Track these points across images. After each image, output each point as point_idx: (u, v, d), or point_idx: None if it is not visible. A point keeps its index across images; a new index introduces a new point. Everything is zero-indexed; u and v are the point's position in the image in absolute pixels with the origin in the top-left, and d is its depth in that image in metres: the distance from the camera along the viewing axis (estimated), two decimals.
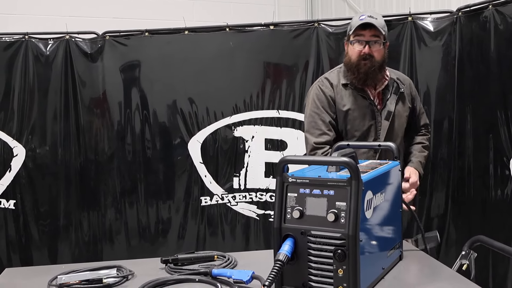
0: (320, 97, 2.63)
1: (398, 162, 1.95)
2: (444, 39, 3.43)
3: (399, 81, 2.66)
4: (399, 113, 2.63)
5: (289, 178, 1.62)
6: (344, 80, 2.63)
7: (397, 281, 1.74)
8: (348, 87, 2.61)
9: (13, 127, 3.80)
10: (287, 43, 3.72)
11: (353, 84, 2.59)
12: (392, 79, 2.66)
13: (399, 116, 2.63)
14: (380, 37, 2.55)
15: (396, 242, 1.90)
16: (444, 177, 3.49)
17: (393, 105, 2.59)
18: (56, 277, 1.75)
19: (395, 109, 2.60)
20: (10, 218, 3.85)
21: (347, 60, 2.60)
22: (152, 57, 3.86)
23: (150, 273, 1.83)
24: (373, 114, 2.58)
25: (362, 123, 2.56)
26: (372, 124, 2.57)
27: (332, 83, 2.64)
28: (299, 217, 1.59)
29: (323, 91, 2.64)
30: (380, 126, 2.57)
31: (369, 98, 2.59)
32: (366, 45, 2.52)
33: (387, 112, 2.58)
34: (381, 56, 2.57)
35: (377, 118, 2.57)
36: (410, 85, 2.76)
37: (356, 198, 1.52)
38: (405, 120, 2.67)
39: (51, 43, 3.84)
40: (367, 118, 2.57)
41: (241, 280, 1.67)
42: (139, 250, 3.93)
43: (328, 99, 2.62)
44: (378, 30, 2.52)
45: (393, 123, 2.59)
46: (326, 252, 1.55)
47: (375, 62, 2.53)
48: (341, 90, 2.61)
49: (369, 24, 2.50)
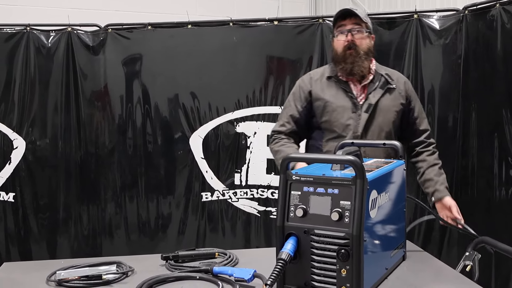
0: (295, 91, 2.68)
1: (403, 161, 1.92)
2: (450, 37, 3.40)
3: (387, 76, 2.60)
4: (386, 107, 2.56)
5: (293, 176, 1.59)
6: (329, 73, 2.62)
7: (401, 281, 1.72)
8: (332, 80, 2.59)
9: (13, 119, 3.78)
10: (291, 38, 3.69)
11: (337, 77, 2.58)
12: (379, 74, 2.60)
13: (385, 110, 2.56)
14: (362, 25, 2.53)
15: (399, 242, 1.88)
16: (448, 176, 3.43)
17: (376, 98, 2.54)
18: (55, 272, 1.73)
19: (380, 103, 2.54)
20: (9, 211, 3.83)
21: (334, 53, 2.59)
22: (155, 51, 3.83)
23: (150, 270, 1.81)
24: (355, 107, 2.53)
25: (341, 115, 2.53)
26: (352, 117, 2.52)
27: (312, 77, 2.65)
28: (302, 215, 1.56)
29: (299, 85, 2.66)
30: (360, 119, 2.52)
31: (351, 92, 2.55)
32: (348, 33, 2.51)
33: (368, 105, 2.53)
34: (365, 45, 2.54)
35: (357, 112, 2.53)
36: (406, 84, 2.68)
37: (361, 197, 1.49)
38: (394, 116, 2.58)
39: (53, 35, 3.82)
40: (347, 110, 2.53)
41: (243, 278, 1.64)
42: (138, 245, 3.91)
43: (300, 93, 2.63)
44: (359, 18, 2.51)
45: (375, 116, 2.53)
46: (329, 251, 1.52)
47: (360, 50, 2.51)
48: (324, 82, 2.60)
49: (349, 13, 2.51)
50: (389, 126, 2.56)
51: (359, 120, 2.51)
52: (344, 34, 2.52)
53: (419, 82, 3.47)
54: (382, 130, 2.53)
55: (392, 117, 2.57)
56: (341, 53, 2.52)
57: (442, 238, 3.48)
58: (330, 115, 2.54)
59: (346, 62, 2.51)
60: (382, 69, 2.65)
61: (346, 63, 2.51)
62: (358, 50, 2.50)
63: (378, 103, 2.53)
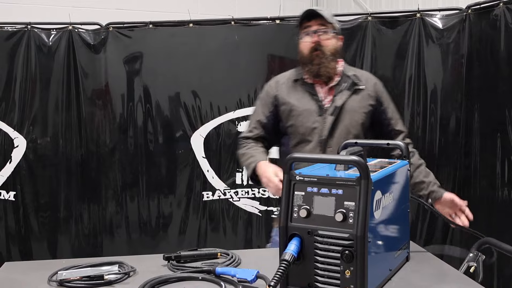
0: (262, 96, 2.62)
1: (407, 161, 1.91)
2: (452, 36, 3.39)
3: (355, 77, 2.52)
4: (353, 108, 2.48)
5: (296, 176, 1.58)
6: (295, 76, 2.56)
7: (405, 282, 1.71)
8: (298, 83, 2.53)
9: (14, 117, 3.78)
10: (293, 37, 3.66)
11: (303, 80, 2.52)
12: (346, 75, 2.52)
13: (352, 112, 2.48)
14: (328, 26, 2.46)
15: (403, 243, 1.87)
16: (450, 176, 3.46)
17: (342, 100, 2.46)
18: (56, 272, 1.72)
19: (346, 104, 2.47)
20: (10, 209, 3.83)
21: (300, 55, 2.52)
22: (156, 50, 3.82)
23: (152, 270, 1.79)
24: (320, 110, 2.47)
25: (307, 119, 2.47)
26: (318, 120, 2.46)
27: (278, 81, 2.59)
28: (306, 216, 1.55)
29: (266, 90, 2.61)
30: (325, 122, 2.45)
31: (316, 95, 2.49)
32: (314, 34, 2.44)
33: (334, 107, 2.46)
34: (332, 46, 2.46)
35: (323, 115, 2.46)
36: (377, 85, 2.59)
37: (365, 198, 1.48)
38: (363, 118, 2.50)
39: (54, 33, 3.81)
40: (313, 114, 2.47)
41: (246, 279, 1.62)
42: (139, 244, 3.91)
43: (267, 98, 2.58)
44: (324, 19, 2.44)
45: (341, 118, 2.46)
46: (333, 252, 1.51)
47: (326, 51, 2.44)
48: (290, 86, 2.54)
49: (314, 14, 2.44)
50: (357, 128, 2.49)
51: (324, 123, 2.45)
52: (309, 35, 2.46)
53: (421, 81, 3.47)
54: (349, 133, 2.46)
55: (360, 119, 2.50)
56: (307, 54, 2.46)
57: (444, 238, 3.47)
58: (295, 119, 2.49)
59: (313, 63, 2.45)
60: (351, 70, 2.59)
61: (312, 65, 2.45)
62: (325, 51, 2.44)
63: (344, 105, 2.47)
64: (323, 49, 2.43)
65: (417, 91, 3.49)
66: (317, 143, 2.44)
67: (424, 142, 3.49)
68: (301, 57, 2.51)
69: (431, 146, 3.49)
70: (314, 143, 2.44)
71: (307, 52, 2.46)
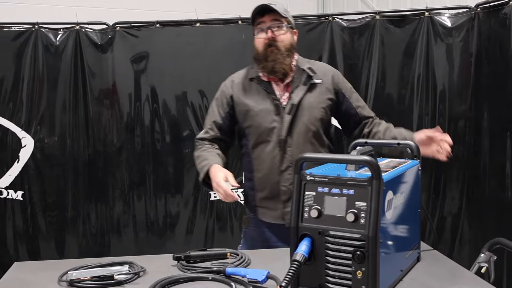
0: (217, 96, 2.54)
1: (418, 161, 1.89)
2: (461, 35, 3.37)
3: (309, 71, 2.41)
4: (310, 104, 2.38)
5: (307, 176, 1.57)
6: (251, 74, 2.46)
7: (416, 283, 1.69)
8: (253, 81, 2.43)
9: (21, 117, 3.78)
10: (300, 37, 3.54)
11: (257, 78, 2.42)
12: (300, 69, 2.42)
13: (310, 108, 2.38)
14: (282, 21, 2.36)
15: (414, 243, 1.86)
16: (459, 175, 3.44)
17: (299, 97, 2.37)
18: (66, 272, 1.72)
19: (303, 101, 2.38)
20: (17, 209, 3.84)
21: (255, 52, 2.42)
22: (163, 49, 3.82)
23: (162, 270, 1.79)
24: (278, 109, 2.37)
25: (264, 119, 2.37)
26: (276, 120, 2.36)
27: (233, 81, 2.50)
28: (317, 216, 1.54)
29: (222, 90, 2.53)
30: (283, 121, 2.36)
31: (273, 93, 2.39)
32: (268, 30, 2.35)
33: (291, 105, 2.36)
34: (287, 41, 2.37)
35: (281, 114, 2.36)
36: (335, 77, 2.48)
37: (377, 198, 1.47)
38: (321, 113, 2.41)
39: (61, 33, 3.81)
40: (271, 114, 2.37)
41: (256, 279, 1.62)
42: (146, 244, 3.91)
43: (222, 98, 2.50)
44: (278, 14, 2.34)
45: (299, 116, 2.37)
46: (344, 253, 1.50)
47: (281, 47, 2.34)
48: (246, 85, 2.45)
49: (266, 9, 2.34)
50: (315, 125, 2.40)
51: (282, 122, 2.36)
52: (264, 31, 2.36)
53: (430, 80, 3.45)
54: (309, 130, 2.38)
55: (318, 115, 2.40)
56: (262, 51, 2.37)
57: (453, 238, 3.45)
58: (253, 119, 2.40)
59: (267, 60, 2.35)
60: (305, 63, 2.46)
61: (267, 61, 2.35)
62: (279, 47, 2.34)
63: (301, 101, 2.37)
64: (278, 44, 2.34)
65: (425, 90, 3.47)
66: (276, 143, 2.36)
67: None
68: (255, 54, 2.42)
69: None
70: (273, 143, 2.37)
71: (262, 48, 2.37)
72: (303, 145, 2.35)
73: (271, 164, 2.38)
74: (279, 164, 2.36)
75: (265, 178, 2.41)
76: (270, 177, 2.39)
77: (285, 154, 2.36)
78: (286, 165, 2.35)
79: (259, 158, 2.41)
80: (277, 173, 2.37)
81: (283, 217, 2.37)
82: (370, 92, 3.55)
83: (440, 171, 3.45)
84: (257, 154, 2.42)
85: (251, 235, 2.51)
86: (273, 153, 2.37)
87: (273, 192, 2.39)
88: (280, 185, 2.37)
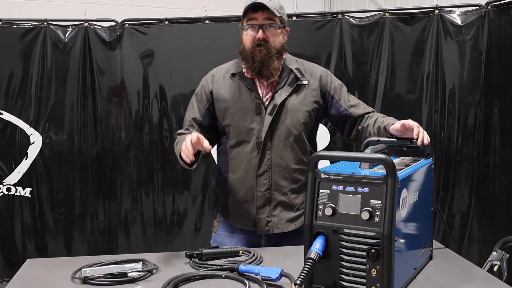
0: (197, 91, 2.37)
1: (431, 159, 1.89)
2: (471, 33, 3.35)
3: (297, 71, 2.26)
4: (295, 107, 2.23)
5: (321, 174, 1.57)
6: (234, 69, 2.29)
7: (430, 282, 1.69)
8: (236, 77, 2.27)
9: (30, 114, 3.79)
10: (309, 34, 3.66)
11: (240, 74, 2.26)
12: (288, 69, 2.26)
13: (294, 110, 2.23)
14: (276, 20, 2.19)
15: (427, 241, 1.85)
16: (468, 173, 3.42)
17: (282, 98, 2.21)
18: (79, 269, 1.72)
19: (287, 102, 2.22)
20: (26, 206, 3.86)
21: (242, 48, 2.24)
22: (172, 46, 3.81)
23: (174, 268, 1.79)
24: (259, 108, 2.22)
25: (244, 118, 2.22)
26: (256, 120, 2.21)
27: (214, 75, 2.33)
28: (331, 214, 1.54)
29: (202, 85, 2.36)
30: (263, 122, 2.20)
31: (256, 91, 2.23)
32: (259, 29, 2.17)
33: (273, 106, 2.21)
34: (278, 42, 2.21)
35: (262, 114, 2.21)
36: (323, 77, 2.32)
37: (392, 196, 1.46)
38: (305, 117, 2.25)
39: (70, 30, 3.82)
40: (251, 113, 2.21)
41: (270, 277, 1.62)
42: (154, 241, 3.91)
43: (202, 93, 2.32)
44: (271, 12, 2.16)
45: (281, 118, 2.22)
46: (359, 251, 1.50)
47: (271, 48, 2.18)
48: (227, 81, 2.28)
49: (261, 6, 2.15)
50: (298, 129, 2.25)
51: (262, 123, 2.20)
52: (254, 29, 2.18)
53: (439, 78, 3.43)
54: (290, 134, 2.23)
55: (302, 118, 2.25)
56: (250, 49, 2.19)
57: (462, 236, 3.44)
58: (232, 118, 2.24)
59: (255, 60, 2.18)
60: (293, 63, 2.31)
61: (254, 61, 2.18)
62: (270, 48, 2.18)
63: (284, 103, 2.22)
64: (268, 45, 2.18)
65: (435, 88, 3.45)
66: (254, 144, 2.20)
67: (442, 139, 3.45)
68: (242, 50, 2.24)
69: (449, 143, 3.46)
70: (252, 145, 2.21)
71: (250, 45, 2.20)
72: (283, 149, 2.22)
73: (247, 166, 2.22)
74: (256, 167, 2.20)
75: (240, 180, 2.24)
76: (246, 180, 2.23)
77: (263, 158, 2.21)
78: (264, 169, 2.21)
79: (236, 158, 2.25)
80: (253, 177, 2.21)
81: (256, 224, 2.23)
82: (379, 90, 3.54)
83: (449, 169, 3.44)
84: (235, 154, 2.26)
85: (221, 241, 2.31)
86: (251, 155, 2.22)
87: (247, 197, 2.23)
88: (255, 189, 2.21)
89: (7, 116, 3.78)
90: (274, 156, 2.21)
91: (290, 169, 2.23)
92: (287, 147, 2.23)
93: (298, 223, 2.26)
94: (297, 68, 2.28)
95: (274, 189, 2.22)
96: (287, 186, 2.23)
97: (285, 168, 2.22)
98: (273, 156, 2.21)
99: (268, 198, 2.22)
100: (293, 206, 2.26)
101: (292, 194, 2.25)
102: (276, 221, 2.22)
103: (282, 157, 2.22)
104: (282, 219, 2.23)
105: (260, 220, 2.22)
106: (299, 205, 2.27)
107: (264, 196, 2.21)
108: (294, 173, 2.24)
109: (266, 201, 2.22)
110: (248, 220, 2.25)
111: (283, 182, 2.23)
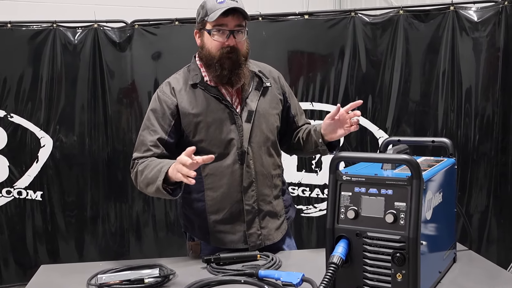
0: (156, 107, 2.10)
1: (454, 159, 1.84)
2: (488, 29, 3.27)
3: (261, 74, 2.17)
4: (266, 111, 2.13)
5: (343, 176, 1.52)
6: (192, 79, 2.10)
7: (455, 286, 1.65)
8: (198, 87, 2.08)
9: (40, 117, 3.77)
10: (322, 33, 3.60)
11: (202, 83, 2.08)
12: (252, 72, 2.14)
13: (267, 115, 2.14)
14: (244, 25, 2.06)
15: (451, 244, 1.81)
16: (486, 172, 3.36)
17: (255, 103, 2.10)
18: (95, 275, 1.68)
19: (259, 107, 2.11)
20: (37, 209, 3.84)
21: (206, 54, 2.05)
22: (182, 47, 3.75)
23: (192, 273, 1.76)
24: (232, 118, 2.06)
25: (219, 131, 2.05)
26: (233, 129, 2.06)
27: (174, 88, 2.09)
28: (354, 217, 1.50)
29: (161, 100, 2.09)
30: (242, 131, 2.07)
31: (225, 99, 2.07)
32: (230, 35, 2.01)
33: (248, 112, 2.08)
34: (245, 49, 2.08)
35: (237, 122, 2.06)
36: (280, 78, 2.26)
37: (417, 198, 1.42)
38: (276, 120, 2.18)
39: (79, 31, 3.78)
40: (225, 123, 2.06)
41: (291, 282, 1.58)
42: (166, 244, 3.88)
43: (165, 109, 2.07)
44: (241, 17, 2.02)
45: (258, 124, 2.10)
46: (383, 255, 1.46)
47: (240, 55, 2.04)
48: (190, 92, 2.08)
49: (234, 10, 1.99)
50: (274, 133, 2.17)
51: (241, 132, 2.07)
52: (224, 34, 2.01)
53: (455, 76, 3.37)
54: (267, 139, 2.13)
55: (274, 122, 2.17)
56: (217, 56, 2.02)
57: (480, 236, 3.38)
58: (205, 132, 2.05)
59: (224, 67, 2.02)
60: (255, 66, 2.20)
61: (223, 69, 2.02)
62: (239, 56, 2.04)
63: (257, 108, 2.11)
64: (238, 53, 2.04)
65: (450, 86, 3.39)
66: (235, 155, 2.06)
67: (459, 138, 3.39)
68: (206, 56, 2.06)
69: (466, 142, 3.39)
70: (232, 157, 2.06)
71: (218, 52, 2.03)
72: (263, 156, 2.11)
73: (231, 181, 2.06)
74: (239, 180, 2.06)
75: (223, 197, 2.07)
76: (230, 196, 2.07)
77: (247, 168, 2.06)
78: (249, 180, 2.07)
79: (214, 174, 2.06)
80: (238, 190, 2.06)
81: (246, 240, 2.07)
82: (393, 89, 3.48)
83: (467, 168, 3.38)
84: (212, 170, 2.06)
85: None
86: (233, 167, 2.06)
87: (233, 213, 2.07)
88: (243, 204, 2.07)
89: (17, 119, 3.75)
90: (257, 165, 2.09)
91: (271, 176, 2.14)
92: (265, 153, 2.12)
93: (283, 229, 2.17)
94: (260, 71, 2.19)
95: (260, 200, 2.10)
96: (270, 194, 2.14)
97: (267, 176, 2.12)
98: (256, 165, 2.09)
99: (256, 210, 2.09)
100: (277, 213, 2.17)
101: (274, 201, 2.16)
102: (266, 232, 2.10)
103: (263, 164, 2.11)
104: (271, 229, 2.12)
105: (251, 235, 2.07)
106: (280, 211, 2.18)
107: (253, 209, 2.08)
108: (274, 179, 2.16)
109: (255, 214, 2.09)
110: (235, 238, 2.08)
111: (267, 190, 2.12)
